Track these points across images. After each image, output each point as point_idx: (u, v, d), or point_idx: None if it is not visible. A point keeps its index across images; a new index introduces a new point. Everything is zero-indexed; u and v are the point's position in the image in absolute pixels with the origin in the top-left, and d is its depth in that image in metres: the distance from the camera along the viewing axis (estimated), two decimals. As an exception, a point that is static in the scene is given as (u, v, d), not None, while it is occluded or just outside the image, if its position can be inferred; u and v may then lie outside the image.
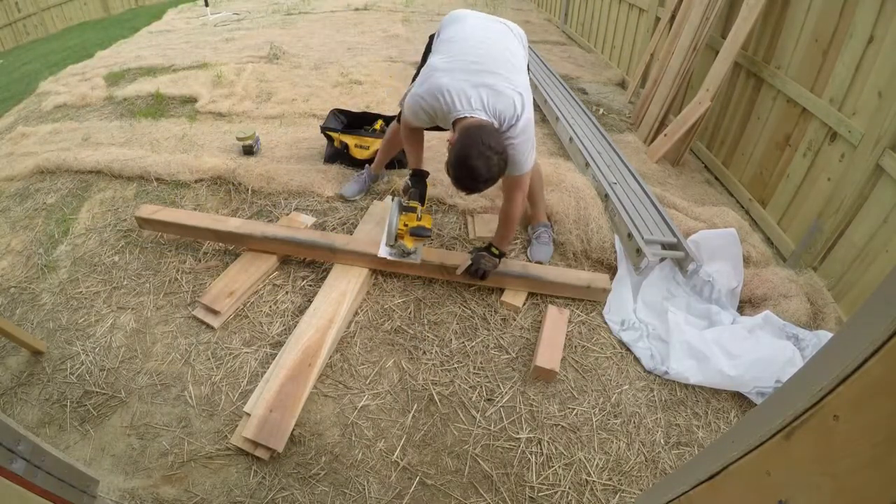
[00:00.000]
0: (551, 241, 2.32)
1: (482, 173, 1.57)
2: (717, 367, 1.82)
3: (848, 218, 2.09)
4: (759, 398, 1.81)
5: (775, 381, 1.77)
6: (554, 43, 5.66)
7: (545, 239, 2.30)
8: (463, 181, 1.63)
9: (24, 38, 9.05)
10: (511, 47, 1.85)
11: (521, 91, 1.71)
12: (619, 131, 3.55)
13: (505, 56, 1.78)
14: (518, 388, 1.83)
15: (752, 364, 1.80)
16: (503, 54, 1.78)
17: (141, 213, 2.31)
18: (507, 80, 1.70)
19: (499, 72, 1.70)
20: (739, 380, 1.80)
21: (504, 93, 1.67)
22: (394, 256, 2.04)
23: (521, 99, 1.69)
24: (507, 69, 1.73)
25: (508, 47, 1.83)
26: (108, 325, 2.05)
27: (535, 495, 1.56)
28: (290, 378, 1.73)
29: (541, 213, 2.33)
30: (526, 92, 1.73)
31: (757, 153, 2.74)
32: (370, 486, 1.57)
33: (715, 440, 1.02)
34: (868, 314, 0.53)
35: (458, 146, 1.59)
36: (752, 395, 1.81)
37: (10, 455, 1.17)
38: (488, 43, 1.81)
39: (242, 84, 4.00)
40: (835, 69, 2.20)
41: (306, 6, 7.37)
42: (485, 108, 1.65)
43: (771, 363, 1.80)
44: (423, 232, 1.94)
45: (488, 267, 1.99)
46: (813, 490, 0.56)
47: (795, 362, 1.81)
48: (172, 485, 1.58)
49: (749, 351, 1.84)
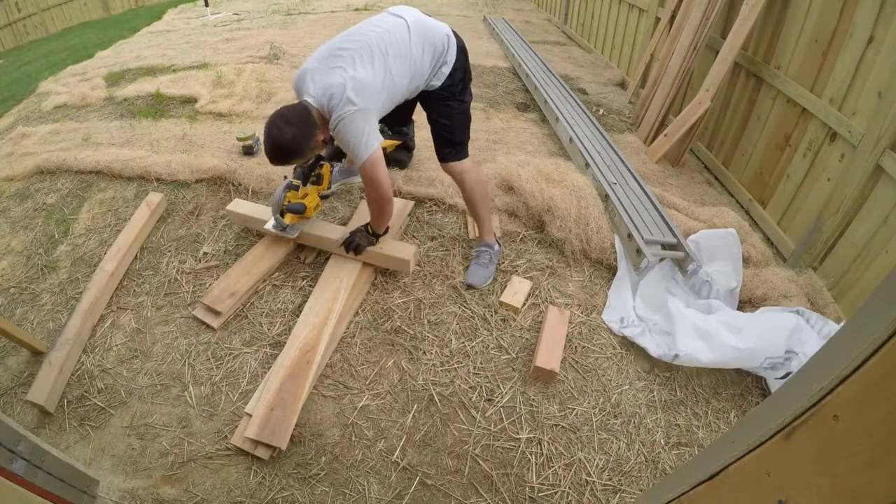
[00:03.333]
0: (493, 263, 2.18)
1: (274, 141, 1.68)
2: (725, 342, 1.80)
3: (848, 218, 2.09)
4: (770, 374, 1.80)
5: (785, 352, 1.76)
6: (554, 43, 5.66)
7: (484, 260, 2.16)
8: (265, 151, 1.73)
9: (25, 38, 9.06)
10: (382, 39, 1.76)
11: (355, 78, 1.68)
12: (619, 131, 3.55)
13: (357, 46, 1.73)
14: (518, 388, 1.83)
15: (759, 335, 1.80)
16: (356, 45, 1.74)
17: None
18: (345, 66, 1.69)
19: (341, 58, 1.72)
20: (750, 352, 1.78)
21: (331, 75, 1.69)
22: (275, 229, 2.17)
23: (349, 86, 1.66)
24: (352, 57, 1.71)
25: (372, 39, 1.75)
26: (107, 325, 2.05)
27: (535, 495, 1.56)
28: (289, 376, 1.73)
29: (485, 231, 2.18)
30: (361, 82, 1.68)
31: (757, 153, 2.74)
32: (370, 486, 1.57)
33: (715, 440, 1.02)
34: (868, 314, 0.53)
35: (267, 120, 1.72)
36: (764, 372, 1.80)
37: (10, 455, 1.17)
38: (352, 35, 1.80)
39: (242, 84, 4.00)
40: (835, 69, 2.20)
41: (306, 6, 7.37)
42: (315, 93, 1.70)
43: (778, 331, 1.80)
44: (298, 208, 2.07)
45: (363, 242, 2.03)
46: (813, 490, 0.56)
47: (802, 328, 1.81)
48: (172, 485, 1.58)
49: (754, 325, 1.85)
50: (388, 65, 1.75)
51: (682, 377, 1.89)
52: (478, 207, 2.14)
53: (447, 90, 1.94)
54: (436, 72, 1.90)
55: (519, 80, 4.30)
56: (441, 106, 1.98)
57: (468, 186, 2.09)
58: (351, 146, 1.73)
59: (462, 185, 2.10)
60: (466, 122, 2.05)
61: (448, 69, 1.91)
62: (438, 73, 1.91)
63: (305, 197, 2.12)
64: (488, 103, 3.82)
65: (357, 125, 1.69)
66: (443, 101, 1.97)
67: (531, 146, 3.19)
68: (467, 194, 2.12)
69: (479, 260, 2.18)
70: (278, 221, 2.12)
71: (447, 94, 1.95)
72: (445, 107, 1.98)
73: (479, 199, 2.12)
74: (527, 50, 4.66)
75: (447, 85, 1.93)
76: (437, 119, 2.01)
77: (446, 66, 1.90)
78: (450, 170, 2.08)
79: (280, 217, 2.09)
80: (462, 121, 2.03)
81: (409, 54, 1.80)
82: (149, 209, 2.48)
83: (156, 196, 2.56)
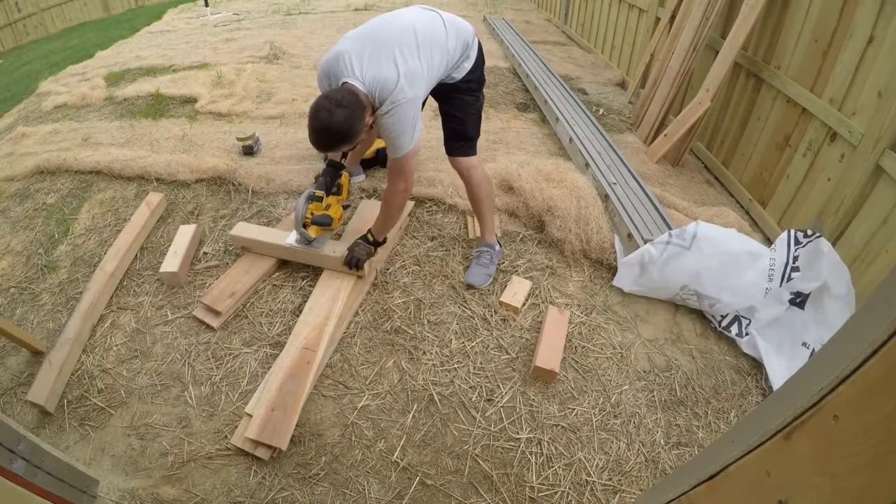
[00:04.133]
0: (494, 264, 2.17)
1: (323, 124, 1.62)
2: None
3: (848, 218, 2.09)
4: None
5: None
6: (554, 43, 5.66)
7: (484, 260, 2.15)
8: (311, 135, 1.68)
9: (25, 38, 9.06)
10: (425, 31, 1.78)
11: (407, 70, 1.69)
12: (619, 131, 3.55)
13: (404, 36, 1.74)
14: (518, 388, 1.83)
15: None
16: (403, 34, 1.75)
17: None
18: (395, 56, 1.69)
19: (389, 48, 1.70)
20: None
21: (384, 66, 1.68)
22: (299, 244, 2.08)
23: (403, 77, 1.68)
24: (400, 47, 1.71)
25: (418, 30, 1.77)
26: (107, 325, 2.05)
27: (535, 495, 1.56)
28: (289, 376, 1.73)
29: (487, 231, 2.18)
30: (413, 74, 1.70)
31: (757, 153, 2.74)
32: (370, 486, 1.57)
33: (715, 440, 1.02)
34: (868, 314, 0.53)
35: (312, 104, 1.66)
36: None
37: (10, 455, 1.17)
38: (393, 23, 1.80)
39: (242, 84, 4.00)
40: (835, 69, 2.20)
41: (306, 6, 7.37)
42: (362, 77, 1.68)
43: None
44: (325, 220, 1.99)
45: (362, 255, 1.98)
46: (813, 490, 0.56)
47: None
48: (172, 485, 1.58)
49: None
50: (431, 56, 1.77)
51: (682, 377, 1.90)
52: (482, 206, 2.14)
53: (466, 83, 1.96)
54: (458, 65, 1.92)
55: (519, 80, 4.30)
56: (458, 99, 1.99)
57: (474, 183, 2.08)
58: (399, 135, 1.73)
59: (468, 182, 2.10)
60: (479, 118, 2.07)
61: (470, 64, 1.94)
62: (461, 66, 1.93)
63: (329, 208, 2.03)
64: (488, 103, 3.81)
65: (409, 114, 1.71)
66: (460, 95, 1.98)
67: (531, 146, 3.19)
68: (473, 191, 2.12)
69: (479, 260, 2.17)
70: (303, 235, 2.01)
71: (465, 88, 1.97)
72: (462, 100, 1.99)
73: (485, 197, 2.12)
74: (527, 50, 4.66)
75: (467, 79, 1.96)
76: (452, 112, 2.02)
77: (468, 62, 1.94)
78: (458, 164, 2.08)
79: (304, 230, 2.00)
80: (476, 116, 2.05)
81: (445, 46, 1.83)
82: (149, 209, 2.48)
83: (156, 196, 2.56)
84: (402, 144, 1.75)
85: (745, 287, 1.97)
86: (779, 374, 1.86)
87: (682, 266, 2.01)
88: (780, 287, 1.97)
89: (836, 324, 1.92)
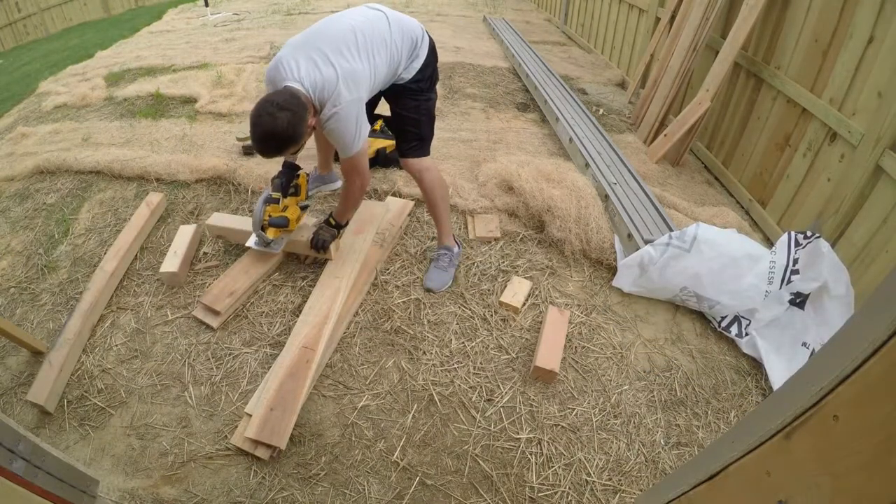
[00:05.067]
0: (453, 265, 2.17)
1: (266, 130, 1.58)
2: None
3: (848, 218, 2.09)
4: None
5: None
6: (554, 43, 5.67)
7: (443, 263, 2.14)
8: (254, 143, 1.65)
9: (25, 38, 9.06)
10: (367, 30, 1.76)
11: (347, 70, 1.68)
12: (619, 131, 3.55)
13: (345, 37, 1.73)
14: (518, 388, 1.83)
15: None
16: (343, 35, 1.73)
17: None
18: (335, 57, 1.68)
19: (329, 49, 1.69)
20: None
21: (323, 67, 1.67)
22: (258, 246, 2.12)
23: (343, 78, 1.66)
24: (339, 48, 1.70)
25: (361, 30, 1.75)
26: (107, 325, 2.05)
27: (535, 495, 1.56)
28: (289, 376, 1.73)
29: (444, 234, 2.16)
30: (354, 74, 1.69)
31: (757, 153, 2.74)
32: (370, 486, 1.57)
33: (715, 440, 1.02)
34: (868, 314, 0.53)
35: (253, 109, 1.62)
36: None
37: (10, 455, 1.17)
38: (334, 25, 1.78)
39: (242, 84, 4.00)
40: (835, 69, 2.20)
41: (306, 6, 7.37)
42: (302, 80, 1.66)
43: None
44: (281, 222, 2.00)
45: (326, 237, 2.01)
46: (813, 490, 0.56)
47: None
48: (172, 485, 1.58)
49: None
50: (372, 55, 1.75)
51: (682, 377, 1.90)
52: (438, 209, 2.12)
53: (416, 84, 1.94)
54: (408, 65, 1.90)
55: (519, 80, 4.30)
56: (410, 99, 1.97)
57: (428, 186, 2.06)
58: (345, 137, 1.73)
59: (421, 184, 2.08)
60: (432, 119, 2.05)
61: (419, 63, 1.92)
62: (410, 66, 1.91)
63: (286, 209, 2.05)
64: (488, 103, 3.82)
65: (351, 114, 1.70)
66: (411, 95, 1.96)
67: (531, 146, 3.19)
68: (427, 194, 2.09)
69: (438, 263, 2.16)
70: (261, 237, 2.06)
71: (416, 88, 1.95)
72: (414, 100, 1.97)
73: (440, 199, 2.10)
74: (527, 50, 4.66)
75: (417, 79, 1.93)
76: (404, 113, 1.99)
77: (417, 61, 1.91)
78: (410, 166, 2.06)
79: (262, 233, 2.03)
80: (429, 116, 2.02)
81: (390, 45, 1.81)
82: (149, 209, 2.48)
83: (156, 196, 2.56)
84: (349, 144, 1.74)
85: (745, 290, 1.96)
86: (779, 375, 1.86)
87: (682, 268, 2.01)
88: (780, 289, 1.97)
89: (835, 324, 1.92)
